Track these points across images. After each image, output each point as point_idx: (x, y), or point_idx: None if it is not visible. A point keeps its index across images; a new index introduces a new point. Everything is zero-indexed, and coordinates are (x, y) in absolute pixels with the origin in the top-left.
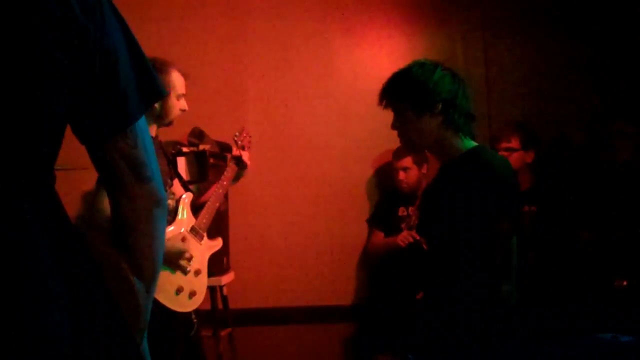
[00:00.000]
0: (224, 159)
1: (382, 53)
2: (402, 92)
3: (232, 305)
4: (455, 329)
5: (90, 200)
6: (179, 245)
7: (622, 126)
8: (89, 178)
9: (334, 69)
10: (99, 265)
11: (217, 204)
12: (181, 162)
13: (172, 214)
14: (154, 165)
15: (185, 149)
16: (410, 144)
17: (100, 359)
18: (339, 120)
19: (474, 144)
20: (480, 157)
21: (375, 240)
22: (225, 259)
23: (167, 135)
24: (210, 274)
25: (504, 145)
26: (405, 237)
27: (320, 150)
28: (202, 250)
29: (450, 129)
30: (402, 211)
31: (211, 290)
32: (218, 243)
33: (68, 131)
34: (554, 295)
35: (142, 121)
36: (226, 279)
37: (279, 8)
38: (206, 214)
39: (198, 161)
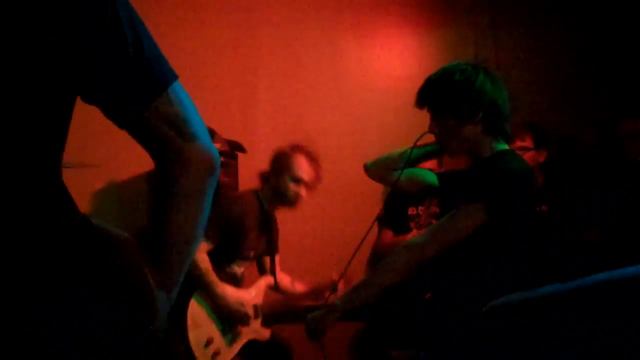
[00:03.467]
0: (235, 157)
1: (393, 52)
2: (444, 100)
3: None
4: (464, 327)
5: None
6: (248, 310)
7: (632, 125)
8: (99, 176)
9: (344, 68)
10: (116, 262)
11: (294, 308)
12: None
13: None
14: (198, 123)
15: None
16: (449, 149)
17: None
18: (350, 119)
19: (504, 146)
20: (500, 161)
21: (384, 240)
22: None
23: None
24: None
25: (519, 144)
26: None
27: (330, 149)
28: (250, 327)
29: (490, 134)
30: (411, 210)
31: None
32: (264, 334)
33: (77, 130)
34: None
35: (177, 85)
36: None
37: (290, 7)
38: (272, 305)
39: None
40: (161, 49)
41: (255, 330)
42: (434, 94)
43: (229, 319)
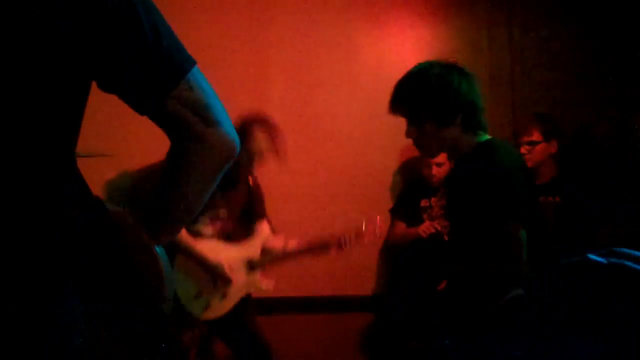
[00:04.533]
0: None
1: (406, 42)
2: (421, 106)
3: (254, 293)
4: (488, 314)
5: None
6: (222, 261)
7: None
8: (112, 165)
9: (357, 57)
10: (122, 239)
11: (285, 258)
12: None
13: (247, 235)
14: (220, 109)
15: None
16: (428, 152)
17: (130, 336)
18: (362, 110)
19: (486, 137)
20: (486, 150)
21: (397, 231)
22: None
23: None
24: None
25: (525, 139)
26: (427, 228)
27: (343, 140)
28: (244, 282)
29: (470, 131)
30: (424, 202)
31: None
32: (266, 285)
33: (90, 119)
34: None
35: (197, 70)
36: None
37: None
38: (274, 256)
39: None
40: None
41: (251, 284)
42: (409, 100)
43: (215, 274)
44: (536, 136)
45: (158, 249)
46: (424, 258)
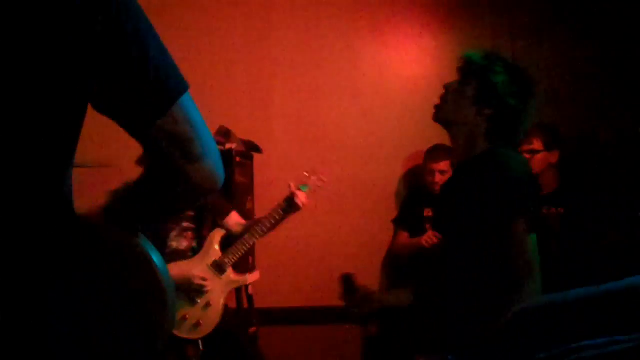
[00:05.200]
0: (250, 158)
1: (409, 54)
2: (483, 77)
3: (258, 304)
4: (490, 331)
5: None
6: (189, 275)
7: None
8: (116, 176)
9: (361, 68)
10: (113, 258)
11: (252, 242)
12: None
13: (198, 249)
14: (206, 141)
15: None
16: (441, 109)
17: None
18: (365, 120)
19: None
20: (494, 157)
21: (400, 241)
22: (250, 258)
23: None
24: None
25: (526, 147)
26: (430, 238)
27: (346, 150)
28: (220, 285)
29: (487, 139)
30: (427, 212)
31: (237, 289)
32: (243, 279)
33: (95, 130)
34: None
35: (186, 99)
36: (252, 278)
37: (306, 6)
38: (235, 250)
39: (224, 160)
40: (178, 50)
41: (229, 283)
42: (483, 66)
43: (189, 291)
44: (537, 145)
45: (156, 259)
46: (427, 268)
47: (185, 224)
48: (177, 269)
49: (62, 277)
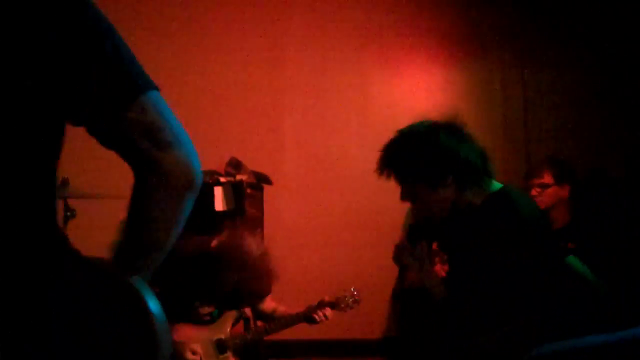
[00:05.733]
0: (261, 189)
1: (419, 86)
2: (408, 171)
3: (266, 336)
4: None
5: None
6: (185, 346)
7: None
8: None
9: (370, 101)
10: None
11: (261, 337)
12: (218, 191)
13: (214, 319)
14: (177, 131)
15: (222, 179)
16: (428, 215)
17: None
18: (375, 151)
19: (498, 185)
20: (506, 199)
21: (409, 273)
22: None
23: (204, 164)
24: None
25: (537, 181)
26: (437, 272)
27: (355, 181)
28: None
29: (469, 189)
30: (435, 245)
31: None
32: None
33: (103, 162)
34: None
35: (156, 95)
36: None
37: (316, 38)
38: (242, 337)
39: (235, 191)
40: (189, 82)
41: None
42: (396, 165)
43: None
44: (547, 179)
45: (155, 309)
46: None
47: (215, 299)
48: (180, 331)
49: (45, 306)
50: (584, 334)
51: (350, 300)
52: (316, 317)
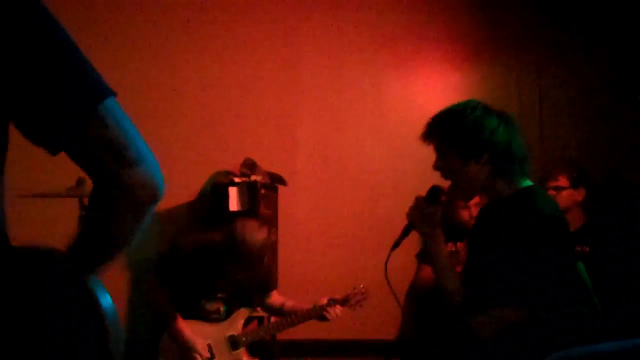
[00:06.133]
0: (275, 190)
1: (434, 88)
2: (449, 136)
3: (279, 336)
4: None
5: None
6: (193, 344)
7: None
8: None
9: (385, 103)
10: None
11: (273, 332)
12: (233, 192)
13: (224, 316)
14: (139, 146)
15: (237, 179)
16: (457, 188)
17: None
18: (390, 154)
19: (528, 182)
20: (532, 196)
21: (423, 275)
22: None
23: (219, 165)
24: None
25: (552, 183)
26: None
27: (369, 183)
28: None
29: (501, 176)
30: (450, 247)
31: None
32: None
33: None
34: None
35: (110, 102)
36: None
37: (332, 40)
38: (254, 333)
39: (249, 192)
40: (204, 82)
41: None
42: (440, 129)
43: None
44: (563, 182)
45: (106, 303)
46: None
47: (219, 295)
48: (193, 328)
49: None
50: (595, 339)
51: (360, 297)
52: (327, 315)
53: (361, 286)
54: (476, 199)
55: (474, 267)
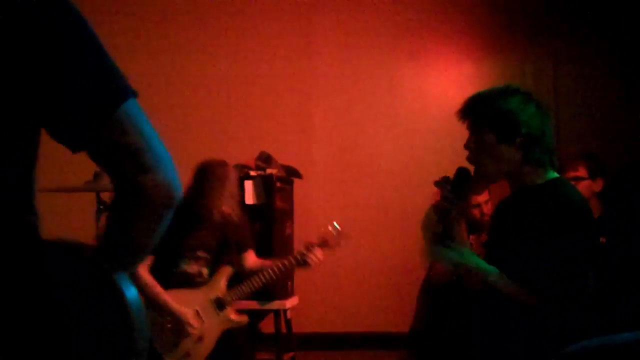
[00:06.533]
0: (291, 183)
1: (449, 79)
2: (486, 113)
3: (296, 329)
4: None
5: None
6: (183, 312)
7: None
8: None
9: (400, 94)
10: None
11: (258, 286)
12: (248, 185)
13: (208, 279)
14: (157, 151)
15: (252, 173)
16: (482, 168)
17: None
18: (405, 145)
19: (554, 174)
20: (560, 187)
21: (437, 268)
22: (289, 283)
23: (235, 158)
24: (275, 297)
25: (571, 174)
26: None
27: (385, 175)
28: (216, 321)
29: (530, 164)
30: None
31: (275, 313)
32: (241, 320)
33: None
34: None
35: (131, 105)
36: (290, 302)
37: (346, 33)
38: (239, 291)
39: (265, 185)
40: (220, 76)
41: (226, 322)
42: (479, 107)
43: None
44: (582, 172)
45: (131, 295)
46: (465, 295)
47: (199, 253)
48: (178, 297)
49: (21, 301)
50: (611, 331)
51: (337, 236)
52: (309, 260)
53: (334, 224)
54: (485, 196)
55: (506, 256)
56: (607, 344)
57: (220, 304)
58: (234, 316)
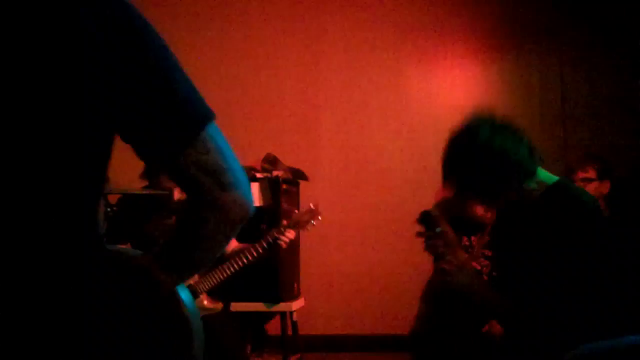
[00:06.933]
0: (296, 185)
1: (456, 81)
2: (473, 187)
3: (302, 331)
4: None
5: None
6: None
7: None
8: None
9: (407, 96)
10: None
11: (229, 271)
12: (254, 187)
13: None
14: (237, 171)
15: (258, 175)
16: (475, 220)
17: None
18: (412, 148)
19: (554, 177)
20: (568, 191)
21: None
22: (295, 285)
23: (241, 160)
24: (281, 299)
25: (581, 175)
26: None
27: (391, 178)
28: None
29: (526, 181)
30: (465, 240)
31: (281, 315)
32: (215, 307)
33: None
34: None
35: (213, 127)
36: (296, 305)
37: (353, 36)
38: (210, 277)
39: (271, 187)
40: (227, 78)
41: (199, 310)
42: (457, 169)
43: None
44: (591, 174)
45: (186, 299)
46: (468, 298)
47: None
48: None
49: (83, 309)
50: (620, 333)
51: (307, 215)
52: (280, 242)
53: (310, 205)
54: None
55: (518, 268)
56: (614, 346)
57: (192, 292)
58: (207, 302)
